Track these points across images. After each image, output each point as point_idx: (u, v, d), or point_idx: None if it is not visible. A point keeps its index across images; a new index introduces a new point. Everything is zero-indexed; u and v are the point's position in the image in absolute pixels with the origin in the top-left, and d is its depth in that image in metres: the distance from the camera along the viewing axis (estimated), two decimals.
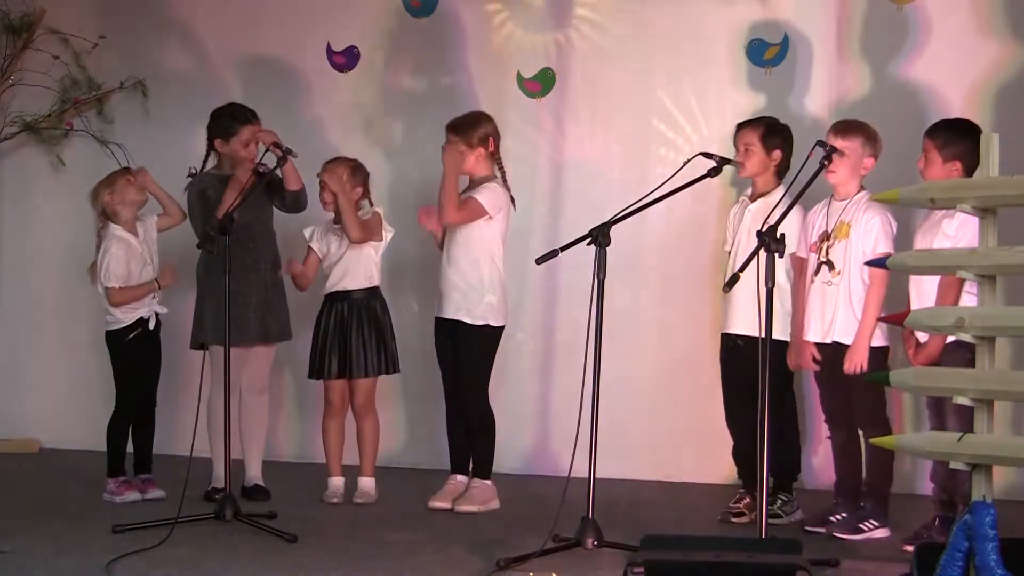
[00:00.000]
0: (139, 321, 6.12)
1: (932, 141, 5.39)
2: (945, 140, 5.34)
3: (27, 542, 5.14)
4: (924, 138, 5.44)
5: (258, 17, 7.41)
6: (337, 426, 6.24)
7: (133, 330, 6.12)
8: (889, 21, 6.62)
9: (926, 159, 5.39)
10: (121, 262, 6.09)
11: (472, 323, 5.98)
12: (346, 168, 6.16)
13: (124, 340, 6.13)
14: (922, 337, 5.28)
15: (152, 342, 6.18)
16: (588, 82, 7.01)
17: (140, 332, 6.12)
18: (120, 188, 6.14)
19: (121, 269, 6.09)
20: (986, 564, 3.91)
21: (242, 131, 6.16)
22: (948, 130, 5.39)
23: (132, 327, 6.12)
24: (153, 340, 6.19)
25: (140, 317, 6.12)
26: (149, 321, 6.13)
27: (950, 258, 4.33)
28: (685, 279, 6.80)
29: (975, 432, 4.07)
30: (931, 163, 5.37)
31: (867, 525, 5.46)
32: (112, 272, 6.07)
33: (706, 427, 6.50)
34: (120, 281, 6.09)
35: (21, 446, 7.42)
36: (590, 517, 5.05)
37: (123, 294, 6.10)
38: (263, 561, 4.94)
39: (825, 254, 5.57)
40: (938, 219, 5.27)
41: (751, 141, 5.85)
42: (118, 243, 6.11)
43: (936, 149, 5.36)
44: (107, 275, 6.08)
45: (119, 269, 6.09)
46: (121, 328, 6.13)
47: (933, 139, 5.39)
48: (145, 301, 6.13)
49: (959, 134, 5.30)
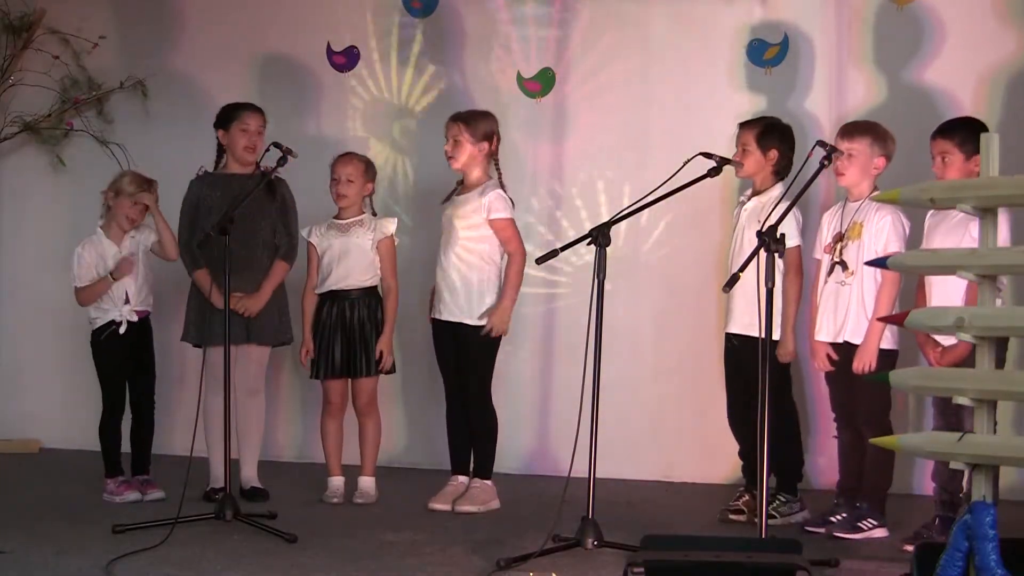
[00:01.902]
0: (111, 323, 6.15)
1: (949, 140, 5.34)
2: (963, 138, 5.30)
3: (27, 542, 5.14)
4: (937, 140, 5.39)
5: (258, 17, 7.41)
6: (337, 426, 6.24)
7: (104, 331, 6.15)
8: (890, 21, 6.62)
9: (944, 161, 5.34)
10: (86, 265, 6.15)
11: (476, 325, 5.97)
12: (359, 163, 6.17)
13: (99, 340, 6.17)
14: (946, 341, 5.28)
15: (136, 344, 6.17)
16: (588, 82, 7.01)
17: (112, 332, 6.13)
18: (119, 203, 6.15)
19: (84, 271, 6.15)
20: (986, 564, 3.90)
21: (241, 116, 6.17)
22: (963, 128, 5.36)
23: (103, 328, 6.15)
24: (138, 342, 6.18)
25: (112, 319, 6.14)
26: (121, 325, 6.13)
27: (950, 258, 4.32)
28: (685, 279, 6.80)
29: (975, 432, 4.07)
30: (951, 164, 5.32)
31: (865, 524, 5.47)
32: (75, 272, 6.16)
33: (706, 427, 6.51)
34: (84, 282, 6.15)
35: (21, 446, 7.43)
36: (590, 517, 5.05)
37: (84, 293, 6.15)
38: (263, 561, 4.94)
39: (839, 255, 5.58)
40: (959, 220, 5.20)
41: (747, 141, 5.87)
42: (90, 246, 6.17)
43: (957, 147, 5.31)
44: (72, 275, 6.17)
45: (82, 271, 6.15)
46: (96, 328, 6.18)
47: (950, 138, 5.35)
48: (113, 303, 6.13)
49: (974, 131, 5.22)
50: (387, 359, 6.11)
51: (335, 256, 6.14)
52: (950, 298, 5.19)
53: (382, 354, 6.10)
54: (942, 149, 5.36)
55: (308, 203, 6.39)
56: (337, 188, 6.15)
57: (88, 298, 6.16)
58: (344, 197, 6.14)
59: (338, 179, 6.15)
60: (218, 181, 6.21)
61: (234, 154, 6.21)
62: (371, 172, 6.22)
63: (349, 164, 6.15)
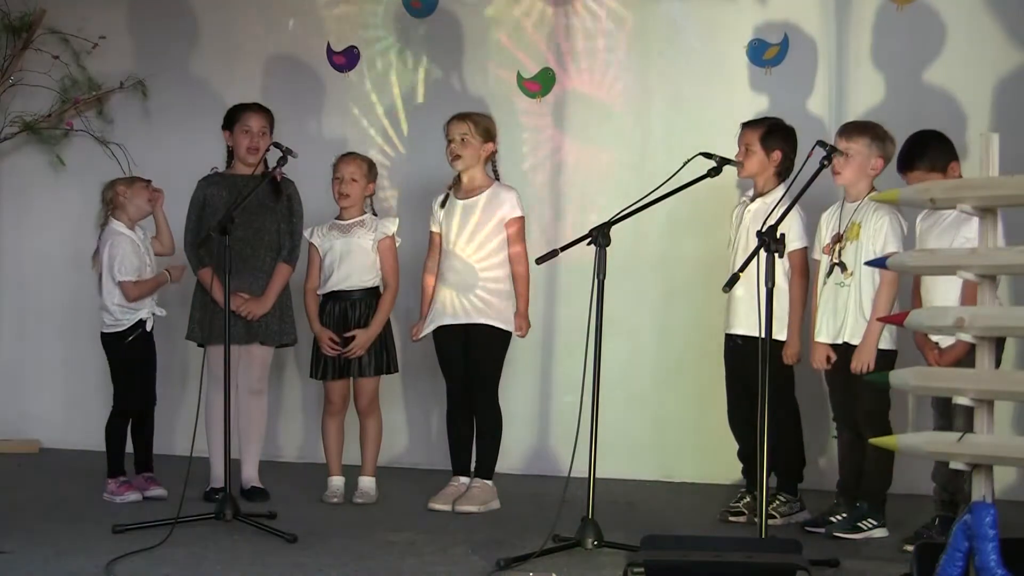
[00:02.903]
0: (138, 323, 6.11)
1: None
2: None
3: (27, 542, 5.14)
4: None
5: (258, 17, 7.41)
6: (337, 426, 6.23)
7: (132, 332, 6.11)
8: (890, 22, 6.62)
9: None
10: (130, 255, 6.09)
11: (491, 325, 5.98)
12: (362, 163, 6.17)
13: (123, 343, 6.10)
14: (945, 341, 5.28)
15: (148, 342, 6.17)
16: (588, 82, 7.02)
17: (139, 334, 6.12)
18: (137, 189, 6.15)
19: (134, 262, 6.08)
20: (986, 564, 3.90)
21: (243, 116, 6.18)
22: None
23: (131, 329, 6.10)
24: (148, 340, 6.18)
25: (140, 319, 6.11)
26: (147, 322, 6.12)
27: (950, 258, 4.32)
28: (686, 279, 6.80)
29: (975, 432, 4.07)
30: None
31: (865, 524, 5.47)
32: (126, 266, 6.05)
33: (706, 427, 6.51)
34: (134, 275, 6.08)
35: (21, 446, 7.42)
36: (590, 517, 5.06)
37: (138, 288, 6.07)
38: (263, 561, 4.94)
39: (837, 255, 5.58)
40: (953, 221, 5.23)
41: (751, 141, 5.87)
42: (123, 239, 6.10)
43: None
44: (121, 269, 6.05)
45: (133, 262, 6.07)
46: (120, 331, 6.10)
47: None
48: (146, 302, 6.12)
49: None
50: (356, 351, 6.06)
51: (336, 257, 6.14)
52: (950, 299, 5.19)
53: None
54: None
55: (308, 203, 6.37)
56: (340, 188, 6.15)
57: (141, 292, 6.06)
58: (347, 197, 6.14)
59: (341, 178, 6.14)
60: (224, 181, 6.21)
61: (238, 155, 6.21)
62: (373, 172, 6.23)
63: (352, 164, 6.16)
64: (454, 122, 6.07)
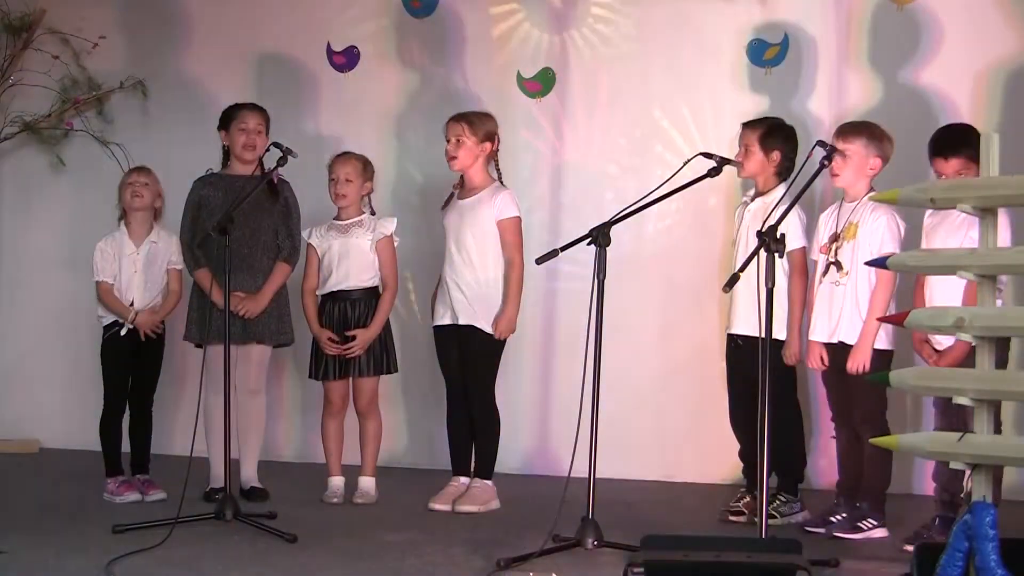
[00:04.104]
0: (114, 323, 6.17)
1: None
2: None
3: (27, 542, 5.14)
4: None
5: (258, 17, 7.41)
6: (337, 426, 6.23)
7: (108, 330, 6.17)
8: (890, 21, 6.62)
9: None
10: (108, 257, 6.16)
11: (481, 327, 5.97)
12: (357, 163, 6.17)
13: (104, 338, 6.20)
14: (944, 342, 5.27)
15: (141, 347, 6.17)
16: (588, 82, 7.02)
17: (115, 333, 6.15)
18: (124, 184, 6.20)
19: (105, 264, 6.16)
20: (986, 564, 3.90)
21: (239, 115, 6.18)
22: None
23: (107, 328, 6.18)
24: (144, 345, 6.17)
25: (115, 320, 6.16)
26: (122, 328, 6.15)
27: (950, 258, 4.32)
28: (686, 279, 6.80)
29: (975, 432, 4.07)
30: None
31: (865, 524, 5.47)
32: (97, 265, 6.17)
33: (707, 427, 6.50)
34: (106, 277, 6.16)
35: (21, 446, 7.42)
36: (590, 517, 5.06)
37: (104, 295, 6.16)
38: (263, 561, 4.94)
39: (834, 255, 5.58)
40: (961, 223, 5.21)
41: (750, 141, 5.87)
42: (111, 242, 6.19)
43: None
44: (95, 268, 6.18)
45: (104, 264, 6.16)
46: (105, 325, 6.20)
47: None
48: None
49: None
50: (356, 350, 6.05)
51: (335, 257, 6.13)
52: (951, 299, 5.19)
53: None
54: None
55: (307, 203, 6.38)
56: (336, 188, 6.14)
57: (105, 300, 6.16)
58: (343, 197, 6.13)
59: (336, 179, 6.14)
60: (220, 182, 6.21)
61: (234, 153, 6.22)
62: (369, 171, 6.22)
63: (347, 163, 6.15)
64: (450, 123, 6.07)
